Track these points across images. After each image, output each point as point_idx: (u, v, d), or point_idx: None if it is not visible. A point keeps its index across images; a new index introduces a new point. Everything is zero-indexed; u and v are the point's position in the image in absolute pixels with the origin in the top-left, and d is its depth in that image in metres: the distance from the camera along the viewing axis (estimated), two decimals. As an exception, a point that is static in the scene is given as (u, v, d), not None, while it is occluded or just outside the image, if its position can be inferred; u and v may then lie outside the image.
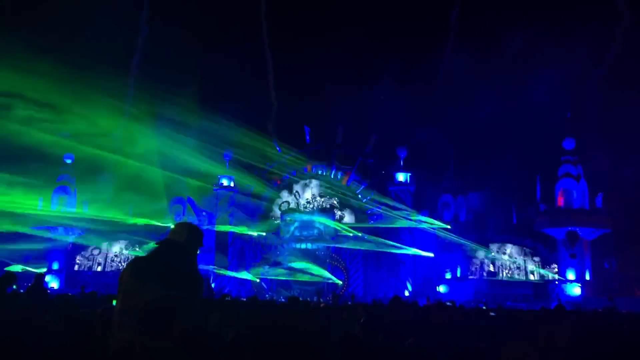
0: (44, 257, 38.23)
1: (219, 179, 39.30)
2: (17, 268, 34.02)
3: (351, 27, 41.09)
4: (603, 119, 34.51)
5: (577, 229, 32.53)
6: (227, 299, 11.96)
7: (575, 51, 35.29)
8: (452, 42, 41.00)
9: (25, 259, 36.76)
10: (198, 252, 4.13)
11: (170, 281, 3.63)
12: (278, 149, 40.24)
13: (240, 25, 41.35)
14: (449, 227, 35.95)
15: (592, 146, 33.62)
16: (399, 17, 43.07)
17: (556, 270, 34.25)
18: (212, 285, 30.09)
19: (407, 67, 40.22)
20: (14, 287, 9.96)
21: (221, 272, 37.08)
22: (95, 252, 40.46)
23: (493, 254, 35.97)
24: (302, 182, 40.13)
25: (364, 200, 39.21)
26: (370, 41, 41.57)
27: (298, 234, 38.66)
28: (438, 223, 36.21)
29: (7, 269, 22.48)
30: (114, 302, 4.97)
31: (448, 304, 14.80)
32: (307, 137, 40.87)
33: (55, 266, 38.57)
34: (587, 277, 32.84)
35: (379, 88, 39.91)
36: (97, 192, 35.93)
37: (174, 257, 3.90)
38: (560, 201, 33.61)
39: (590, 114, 34.33)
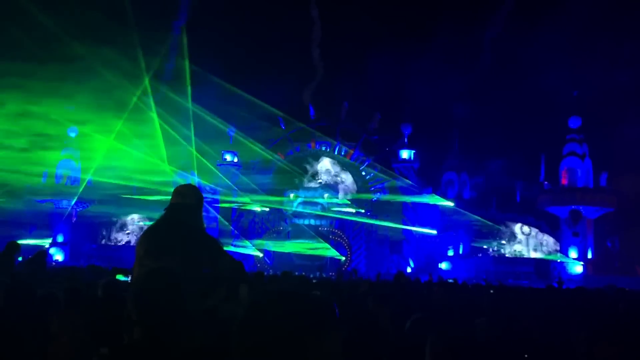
0: (49, 229, 38.38)
1: (222, 154, 39.24)
2: (22, 241, 34.19)
3: (358, 7, 40.47)
4: (611, 98, 34.18)
5: (581, 208, 32.46)
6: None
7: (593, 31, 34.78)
8: (456, 19, 40.51)
9: (30, 231, 36.92)
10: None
11: (188, 252, 3.62)
12: (282, 124, 40.11)
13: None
14: (452, 204, 35.97)
15: (598, 125, 33.36)
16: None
17: (558, 248, 34.29)
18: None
19: (414, 43, 39.83)
20: (19, 258, 10.06)
21: (224, 247, 37.12)
22: (100, 225, 40.61)
23: (496, 232, 35.98)
24: (306, 158, 40.06)
25: (368, 177, 39.17)
26: (374, 19, 41.10)
27: (302, 210, 38.77)
28: (441, 199, 36.21)
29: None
30: (118, 276, 5.02)
31: (450, 281, 14.87)
32: (312, 113, 40.71)
33: (60, 239, 38.75)
34: (590, 256, 32.85)
35: (384, 65, 39.55)
36: (102, 165, 35.86)
37: (188, 224, 3.86)
38: (564, 180, 33.47)
39: (599, 92, 33.94)
